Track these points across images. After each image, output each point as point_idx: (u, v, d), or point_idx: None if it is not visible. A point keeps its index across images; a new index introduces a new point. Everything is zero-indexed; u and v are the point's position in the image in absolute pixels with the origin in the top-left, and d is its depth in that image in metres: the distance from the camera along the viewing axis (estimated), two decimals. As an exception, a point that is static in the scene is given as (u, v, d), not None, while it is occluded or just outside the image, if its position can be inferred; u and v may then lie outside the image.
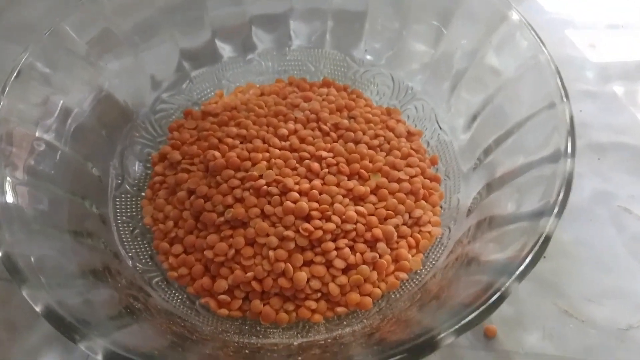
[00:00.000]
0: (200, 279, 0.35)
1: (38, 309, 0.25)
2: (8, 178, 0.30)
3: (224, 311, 0.34)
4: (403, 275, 0.35)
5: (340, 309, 0.34)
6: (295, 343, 0.32)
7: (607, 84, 0.49)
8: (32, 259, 0.28)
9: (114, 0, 0.40)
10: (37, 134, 0.34)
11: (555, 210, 0.27)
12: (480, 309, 0.24)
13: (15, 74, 0.34)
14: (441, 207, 0.39)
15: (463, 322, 0.24)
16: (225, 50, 0.46)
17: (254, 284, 0.34)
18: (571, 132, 0.29)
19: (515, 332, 0.36)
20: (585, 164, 0.43)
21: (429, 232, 0.37)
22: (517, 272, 0.25)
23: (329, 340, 0.31)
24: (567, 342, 0.36)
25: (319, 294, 0.34)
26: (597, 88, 0.49)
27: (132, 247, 0.37)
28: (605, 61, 0.51)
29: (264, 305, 0.34)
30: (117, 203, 0.39)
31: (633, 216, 0.41)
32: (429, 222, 0.38)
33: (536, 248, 0.26)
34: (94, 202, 0.37)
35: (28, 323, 0.37)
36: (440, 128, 0.42)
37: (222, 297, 0.34)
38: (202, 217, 0.36)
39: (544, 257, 0.37)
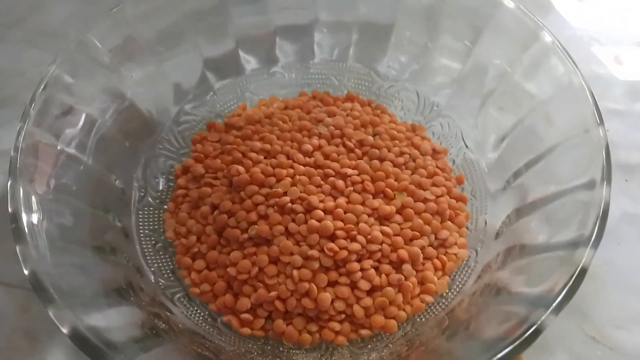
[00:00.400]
0: (222, 296, 0.35)
1: (65, 330, 0.25)
2: (33, 195, 0.30)
3: (246, 330, 0.34)
4: (429, 298, 0.35)
5: (364, 332, 0.34)
6: None
7: (636, 103, 0.48)
8: (58, 277, 0.27)
9: (137, 8, 0.39)
10: (60, 147, 0.34)
11: (592, 241, 0.26)
12: (516, 344, 0.24)
13: (42, 86, 0.33)
14: (467, 228, 0.38)
15: (497, 356, 0.24)
16: (249, 62, 0.46)
17: (277, 303, 0.34)
18: (607, 159, 0.29)
19: (541, 357, 0.35)
20: (613, 185, 0.42)
21: (455, 254, 0.37)
22: (554, 306, 0.25)
23: None
24: (594, 369, 0.35)
25: (343, 316, 0.34)
26: (624, 106, 0.48)
27: (154, 261, 0.37)
28: (633, 79, 0.50)
29: (287, 325, 0.34)
30: (140, 216, 0.39)
31: (662, 240, 0.40)
32: (455, 243, 0.37)
33: (572, 281, 0.25)
34: (116, 215, 0.36)
35: (48, 333, 0.36)
36: (467, 146, 0.42)
37: (245, 315, 0.34)
38: (226, 233, 0.36)
39: None
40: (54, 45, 0.39)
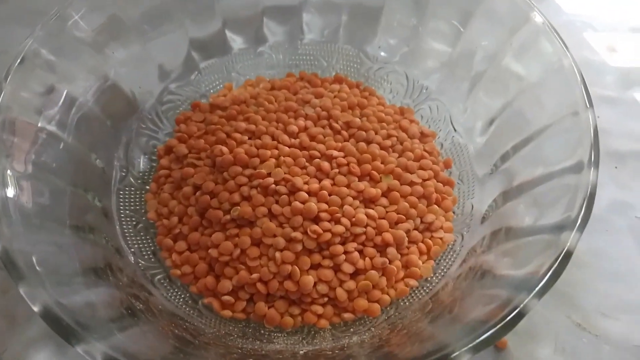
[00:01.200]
0: (203, 278, 0.34)
1: (36, 308, 0.24)
2: (9, 170, 0.29)
3: (227, 312, 0.33)
4: (413, 282, 0.34)
5: (347, 315, 0.33)
6: (301, 352, 0.31)
7: (628, 90, 0.48)
8: (31, 255, 0.27)
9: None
10: (40, 124, 0.33)
11: (578, 224, 0.26)
12: (498, 326, 0.23)
13: (19, 60, 0.33)
14: (454, 212, 0.38)
15: (479, 339, 0.23)
16: (236, 41, 0.45)
17: (259, 285, 0.33)
18: (595, 142, 0.28)
19: (527, 344, 0.35)
20: (602, 172, 0.41)
21: (441, 239, 0.36)
22: (537, 289, 0.24)
23: (336, 351, 0.30)
24: (579, 357, 0.35)
25: (326, 299, 0.33)
26: (616, 93, 0.47)
27: (134, 242, 0.36)
28: (626, 66, 0.49)
29: (268, 308, 0.33)
30: (121, 196, 0.38)
31: (650, 227, 0.40)
32: (441, 227, 0.36)
33: (557, 264, 0.25)
34: (96, 195, 0.36)
35: (27, 314, 0.35)
36: (455, 130, 0.41)
37: (226, 297, 0.33)
38: (208, 214, 0.35)
39: None
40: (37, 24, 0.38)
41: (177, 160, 0.39)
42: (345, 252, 0.33)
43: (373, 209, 0.35)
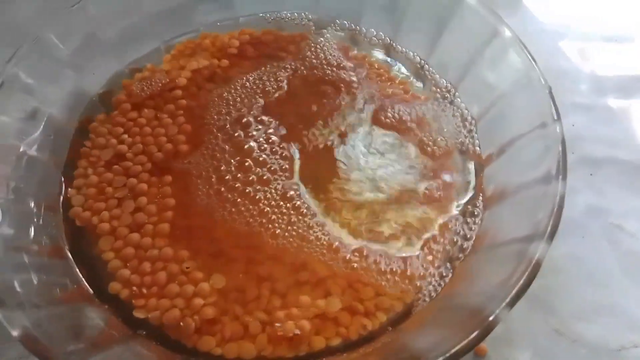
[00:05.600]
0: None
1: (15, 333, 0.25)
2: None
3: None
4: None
5: None
6: None
7: (601, 97, 0.48)
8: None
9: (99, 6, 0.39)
10: (21, 149, 0.34)
11: (546, 235, 0.26)
12: (468, 339, 0.24)
13: None
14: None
15: (453, 350, 0.24)
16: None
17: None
18: (563, 153, 0.29)
19: (505, 350, 0.35)
20: (578, 179, 0.43)
21: None
22: (508, 300, 0.25)
23: None
24: (557, 362, 0.35)
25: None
26: (590, 101, 0.48)
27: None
28: (599, 74, 0.50)
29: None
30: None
31: (626, 232, 0.41)
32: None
33: (526, 274, 0.25)
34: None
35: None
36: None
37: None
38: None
39: None
40: (20, 41, 0.38)
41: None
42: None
43: None
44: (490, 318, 0.25)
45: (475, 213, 0.35)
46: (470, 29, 0.38)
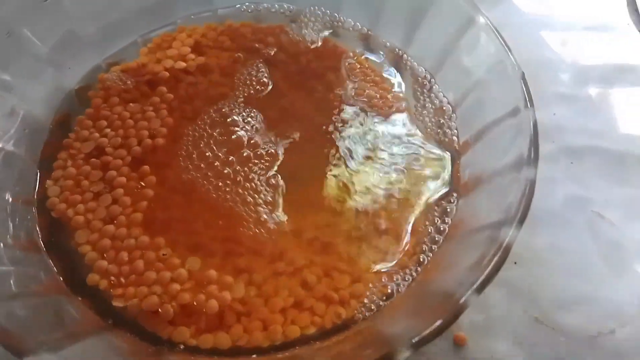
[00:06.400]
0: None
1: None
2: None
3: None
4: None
5: None
6: None
7: (583, 87, 0.48)
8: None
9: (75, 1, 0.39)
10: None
11: (516, 220, 0.26)
12: (437, 324, 0.24)
13: None
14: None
15: (422, 334, 0.24)
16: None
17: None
18: (534, 140, 0.29)
19: (486, 339, 0.36)
20: (559, 169, 0.43)
21: None
22: (477, 284, 0.25)
23: None
24: (537, 350, 0.35)
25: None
26: (572, 91, 0.48)
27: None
28: (581, 64, 0.50)
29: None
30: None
31: (607, 222, 0.41)
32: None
33: (496, 258, 0.25)
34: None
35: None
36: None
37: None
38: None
39: (515, 262, 0.38)
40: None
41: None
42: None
43: None
44: (461, 301, 0.25)
45: (451, 201, 0.35)
46: (447, 18, 0.38)
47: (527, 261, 0.38)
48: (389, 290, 0.32)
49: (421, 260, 0.33)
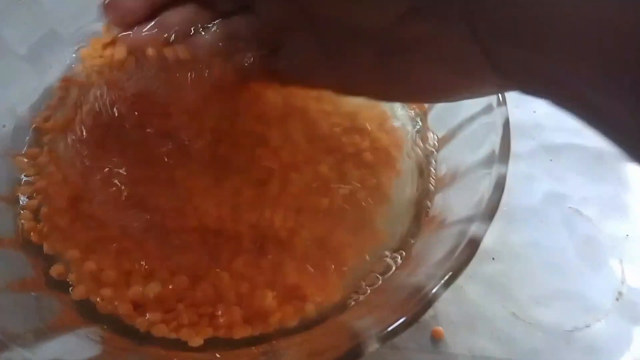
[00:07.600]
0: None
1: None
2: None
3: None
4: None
5: None
6: None
7: (563, 85, 0.49)
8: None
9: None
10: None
11: (485, 215, 0.27)
12: (405, 318, 0.24)
13: None
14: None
15: (390, 328, 0.24)
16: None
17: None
18: (505, 137, 0.29)
19: (463, 334, 0.36)
20: (537, 166, 0.44)
21: None
22: (446, 278, 0.25)
23: None
24: (514, 345, 0.36)
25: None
26: (552, 89, 0.49)
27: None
28: (562, 62, 0.51)
29: None
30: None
31: (584, 218, 0.41)
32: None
33: (464, 252, 0.26)
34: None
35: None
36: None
37: None
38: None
39: (493, 258, 0.39)
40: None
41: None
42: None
43: None
44: (430, 295, 0.25)
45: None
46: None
47: (505, 257, 0.39)
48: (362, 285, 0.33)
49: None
